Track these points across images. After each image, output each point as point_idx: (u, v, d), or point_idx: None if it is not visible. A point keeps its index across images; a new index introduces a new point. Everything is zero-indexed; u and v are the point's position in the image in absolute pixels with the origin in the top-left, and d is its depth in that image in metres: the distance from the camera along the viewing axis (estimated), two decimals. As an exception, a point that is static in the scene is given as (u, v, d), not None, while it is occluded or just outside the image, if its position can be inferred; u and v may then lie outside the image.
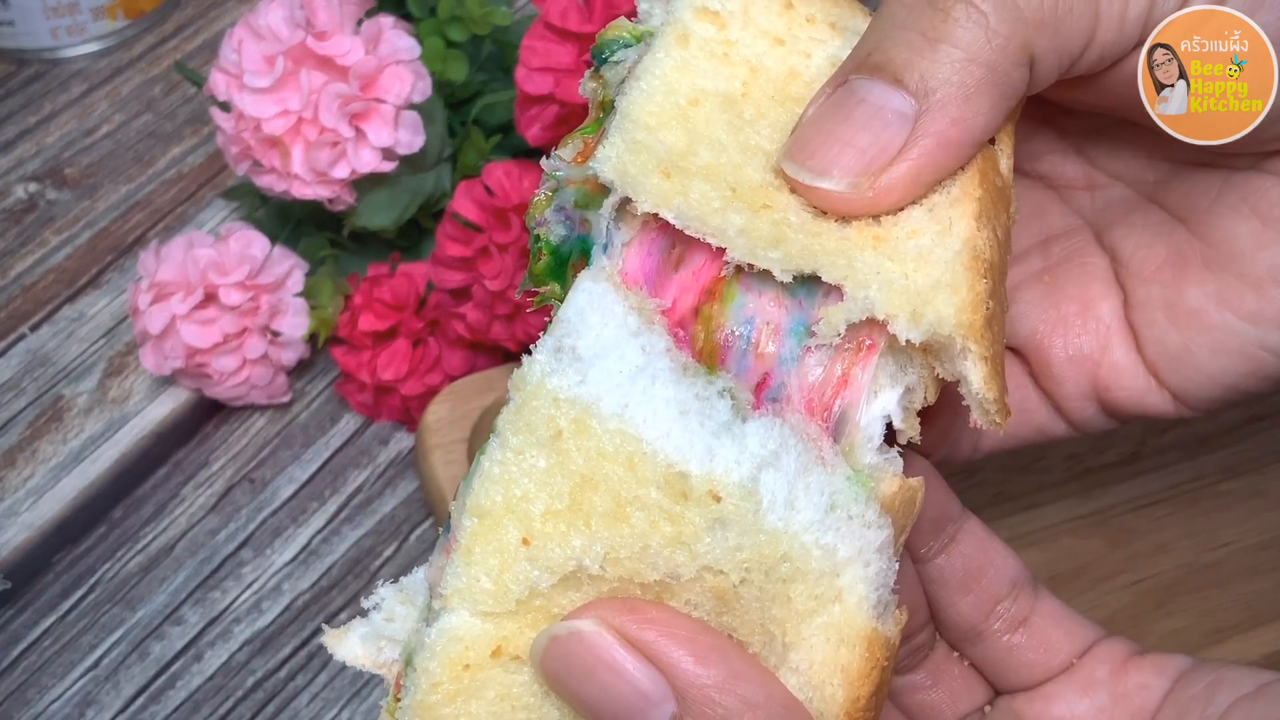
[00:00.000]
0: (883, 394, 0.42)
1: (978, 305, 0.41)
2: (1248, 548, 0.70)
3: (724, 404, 0.40)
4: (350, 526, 0.75)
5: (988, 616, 0.48)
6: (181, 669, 0.70)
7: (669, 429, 0.40)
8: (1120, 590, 0.68)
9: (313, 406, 0.79)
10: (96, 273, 0.84)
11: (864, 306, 0.40)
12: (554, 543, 0.39)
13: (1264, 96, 0.45)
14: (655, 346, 0.41)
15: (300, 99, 0.71)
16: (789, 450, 0.40)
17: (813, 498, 0.40)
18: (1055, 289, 0.52)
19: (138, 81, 0.92)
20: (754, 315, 0.42)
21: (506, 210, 0.70)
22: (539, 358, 0.40)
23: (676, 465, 0.39)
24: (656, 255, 0.42)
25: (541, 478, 0.40)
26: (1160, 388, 0.51)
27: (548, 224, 0.44)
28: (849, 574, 0.40)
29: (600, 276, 0.42)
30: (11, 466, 0.76)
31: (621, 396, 0.40)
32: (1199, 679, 0.46)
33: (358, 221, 0.75)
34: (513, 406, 0.40)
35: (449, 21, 0.78)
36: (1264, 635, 0.67)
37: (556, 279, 0.45)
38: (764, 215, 0.41)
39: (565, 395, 0.40)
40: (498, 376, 0.73)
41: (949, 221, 0.42)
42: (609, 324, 0.41)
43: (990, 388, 0.41)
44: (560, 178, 0.44)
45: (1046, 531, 0.70)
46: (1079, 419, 0.53)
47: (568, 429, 0.40)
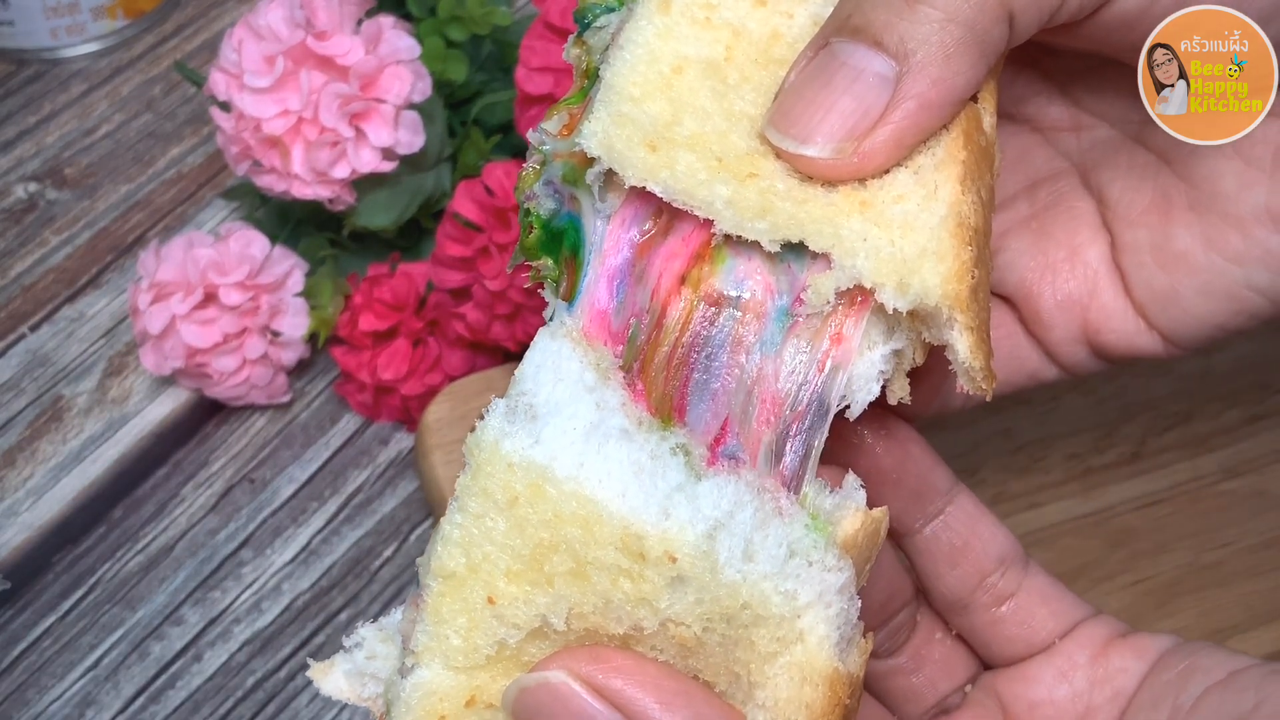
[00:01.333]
0: (874, 351, 0.42)
1: (963, 275, 0.41)
2: (1248, 548, 0.70)
3: (677, 462, 0.41)
4: (350, 526, 0.75)
5: (974, 590, 0.48)
6: (181, 669, 0.70)
7: (624, 489, 0.40)
8: (1120, 590, 0.68)
9: (313, 406, 0.79)
10: (96, 273, 0.84)
11: (851, 275, 0.41)
12: (519, 602, 0.40)
13: (1264, 96, 0.45)
14: (610, 402, 0.41)
15: (300, 99, 0.71)
16: (744, 507, 0.41)
17: (770, 549, 0.40)
18: (1043, 235, 0.52)
19: (138, 81, 0.92)
20: (744, 278, 0.42)
21: (506, 210, 0.70)
22: (491, 421, 0.41)
23: (632, 527, 0.40)
24: (642, 222, 0.42)
25: (502, 540, 0.40)
26: (1149, 329, 0.51)
27: (537, 198, 0.45)
28: (810, 616, 0.40)
29: (559, 333, 0.42)
30: (11, 466, 0.76)
31: (576, 455, 0.40)
32: (1175, 663, 0.47)
33: (358, 221, 0.75)
34: (469, 471, 0.40)
35: (449, 21, 0.78)
36: (1264, 635, 0.67)
37: (548, 253, 0.45)
38: (750, 184, 0.41)
39: (519, 459, 0.40)
40: (498, 376, 0.73)
41: (934, 186, 0.42)
42: (563, 380, 0.41)
43: (977, 356, 0.41)
44: (547, 151, 0.44)
45: (1046, 531, 0.70)
46: (1070, 362, 0.53)
47: (524, 494, 0.40)
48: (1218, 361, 0.76)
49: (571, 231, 0.44)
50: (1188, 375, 0.76)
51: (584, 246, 0.43)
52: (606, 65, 0.43)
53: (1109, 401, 0.75)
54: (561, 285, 0.44)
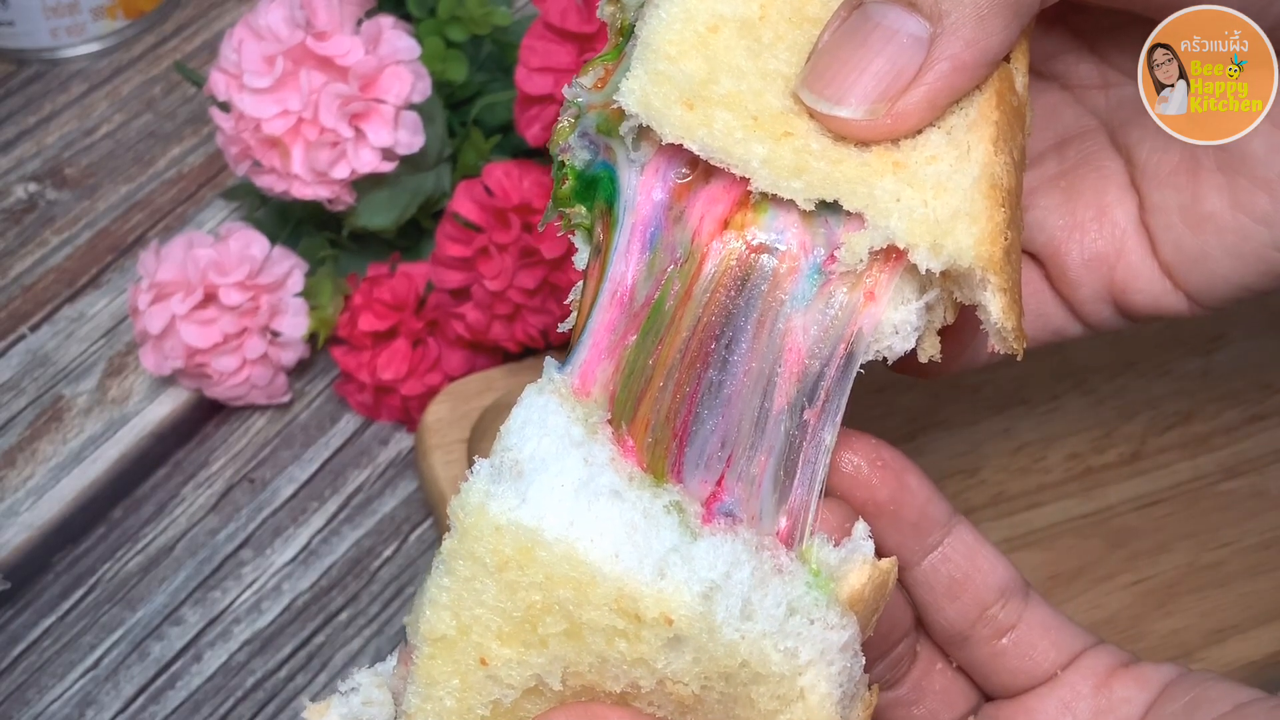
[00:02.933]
0: (907, 306, 0.42)
1: (996, 236, 0.41)
2: (1248, 548, 0.70)
3: (671, 521, 0.40)
4: (350, 526, 0.75)
5: (974, 623, 0.48)
6: (181, 669, 0.70)
7: (617, 550, 0.39)
8: (1120, 590, 0.68)
9: (313, 406, 0.79)
10: (96, 273, 0.84)
11: (885, 235, 0.41)
12: (512, 663, 0.40)
13: (1264, 96, 0.45)
14: (598, 457, 0.41)
15: (300, 99, 0.71)
16: (741, 566, 0.40)
17: (769, 608, 0.40)
18: (1071, 194, 0.53)
19: (138, 81, 0.92)
20: (784, 230, 0.42)
21: (506, 210, 0.70)
22: (476, 483, 0.40)
23: (627, 589, 0.39)
24: (678, 168, 0.43)
25: (493, 603, 0.40)
26: (1175, 289, 0.51)
27: (571, 150, 0.45)
28: (811, 674, 0.40)
29: (546, 389, 0.42)
30: (11, 466, 0.76)
31: (566, 514, 0.40)
32: (1180, 694, 0.46)
33: (358, 221, 0.75)
34: (455, 534, 0.40)
35: (449, 21, 0.78)
36: (1264, 635, 0.67)
37: (582, 201, 0.45)
38: (786, 143, 0.42)
39: (506, 521, 0.39)
40: (498, 376, 0.73)
41: (967, 146, 0.42)
42: (549, 435, 0.41)
43: (1009, 317, 0.41)
44: (581, 104, 0.44)
45: (1046, 531, 0.70)
46: (1095, 321, 0.53)
47: (514, 558, 0.39)
48: (1218, 361, 0.76)
49: (606, 181, 0.44)
50: (1188, 375, 0.76)
51: (619, 196, 0.43)
52: (642, 23, 0.43)
53: (1109, 401, 0.75)
54: (595, 233, 0.44)
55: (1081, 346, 0.76)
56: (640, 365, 0.42)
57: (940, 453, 0.73)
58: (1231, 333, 0.77)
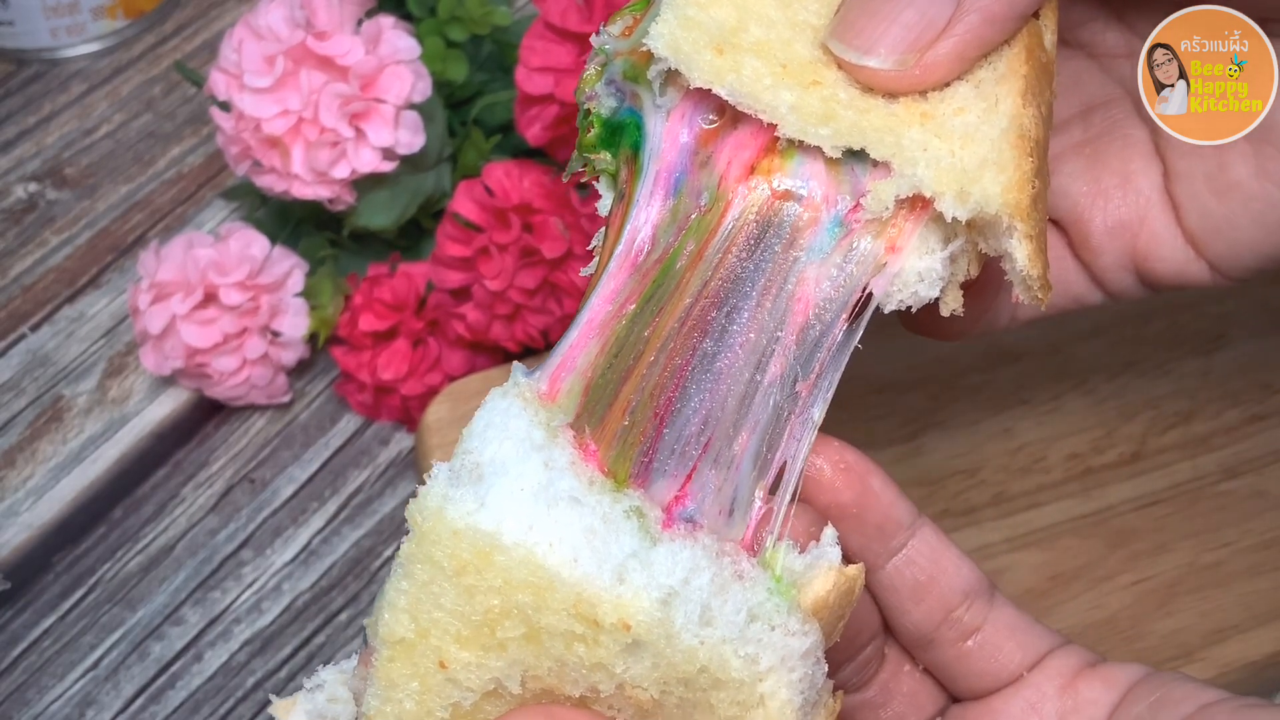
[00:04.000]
0: (932, 256, 0.42)
1: (1024, 184, 0.41)
2: (1248, 548, 0.70)
3: (631, 526, 0.40)
4: (350, 526, 0.75)
5: (940, 625, 0.47)
6: (181, 669, 0.70)
7: (575, 555, 0.39)
8: (1120, 590, 0.68)
9: (313, 406, 0.79)
10: (96, 273, 0.84)
11: (912, 183, 0.41)
12: (472, 666, 0.40)
13: (1264, 96, 0.45)
14: (558, 461, 0.41)
15: (300, 99, 0.71)
16: (700, 573, 0.40)
17: (729, 614, 0.40)
18: (1095, 161, 0.52)
19: (138, 81, 0.92)
20: (810, 178, 0.42)
21: (506, 210, 0.70)
22: (434, 487, 0.40)
23: (585, 594, 0.39)
24: (705, 114, 0.43)
25: (451, 607, 0.39)
26: (1198, 258, 0.51)
27: (598, 98, 0.45)
28: (772, 680, 0.40)
29: (510, 392, 0.42)
30: (11, 466, 0.76)
31: (525, 518, 0.39)
32: (1146, 694, 0.46)
33: (358, 221, 0.75)
34: (413, 538, 0.40)
35: (449, 21, 0.78)
36: (1264, 635, 0.67)
37: (607, 147, 0.45)
38: (814, 91, 0.42)
39: (464, 526, 0.39)
40: (498, 376, 0.73)
41: (995, 99, 0.42)
42: (510, 439, 0.41)
43: (1035, 265, 0.41)
44: (609, 51, 0.44)
45: (1046, 531, 0.70)
46: (1116, 289, 0.53)
47: (472, 562, 0.39)
48: (1218, 361, 0.76)
49: (632, 127, 0.44)
50: (1188, 375, 0.76)
51: (644, 142, 0.44)
52: None
53: (1109, 401, 0.75)
54: (620, 178, 0.44)
55: (1082, 347, 0.76)
56: (634, 338, 0.42)
57: (940, 453, 0.73)
58: (1232, 333, 0.77)
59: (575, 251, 0.69)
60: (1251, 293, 0.79)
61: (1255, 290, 0.79)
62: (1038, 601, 0.68)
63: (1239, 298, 0.78)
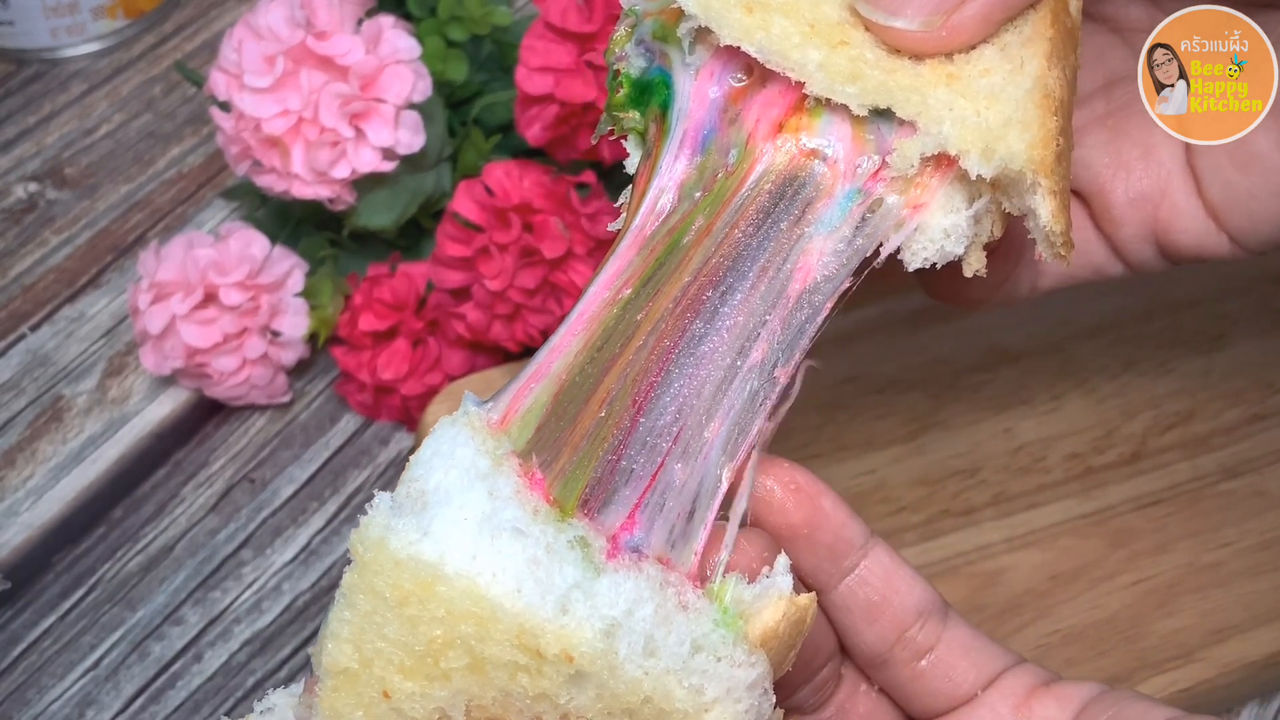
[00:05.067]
0: (957, 214, 0.43)
1: (1048, 141, 0.42)
2: (1248, 548, 0.70)
3: (575, 556, 0.40)
4: (350, 526, 0.74)
5: (893, 645, 0.47)
6: (181, 669, 0.70)
7: (519, 585, 0.39)
8: (1120, 590, 0.68)
9: (313, 406, 0.79)
10: (96, 273, 0.84)
11: (937, 141, 0.42)
12: (415, 696, 0.39)
13: (1264, 96, 0.45)
14: (503, 490, 0.40)
15: (300, 99, 0.71)
16: (645, 603, 0.40)
17: (672, 645, 0.40)
18: (1118, 133, 0.53)
19: (138, 81, 0.92)
20: (836, 134, 0.43)
21: (506, 210, 0.70)
22: (376, 517, 0.40)
23: (528, 624, 0.39)
24: (733, 73, 0.44)
25: (394, 637, 0.39)
26: (1219, 230, 0.51)
27: (627, 58, 0.46)
28: (717, 711, 0.40)
29: (460, 421, 0.42)
30: (11, 466, 0.76)
31: (469, 548, 0.39)
32: (1100, 712, 0.46)
33: (358, 221, 0.75)
34: (355, 567, 0.40)
35: (449, 21, 0.78)
36: (1264, 635, 0.67)
37: (636, 106, 0.45)
38: (841, 51, 0.42)
39: (406, 556, 0.39)
40: (498, 376, 0.73)
41: (1021, 61, 0.43)
42: (456, 468, 0.40)
43: (1058, 221, 0.42)
44: (639, 11, 0.45)
45: (1046, 531, 0.70)
46: (1136, 260, 0.54)
47: (414, 592, 0.39)
48: (1219, 361, 0.76)
49: (661, 86, 0.45)
50: (1188, 375, 0.76)
51: (674, 100, 0.44)
52: None
53: (1109, 401, 0.75)
54: (648, 135, 0.45)
55: (1082, 347, 0.76)
56: (625, 324, 0.42)
57: (940, 453, 0.73)
58: (1233, 332, 0.77)
59: (575, 251, 0.69)
60: (1251, 293, 0.79)
61: (1255, 290, 0.79)
62: (1038, 601, 0.68)
63: (1239, 298, 0.78)
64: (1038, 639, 0.67)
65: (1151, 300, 0.78)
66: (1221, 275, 0.79)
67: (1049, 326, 0.77)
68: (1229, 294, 0.78)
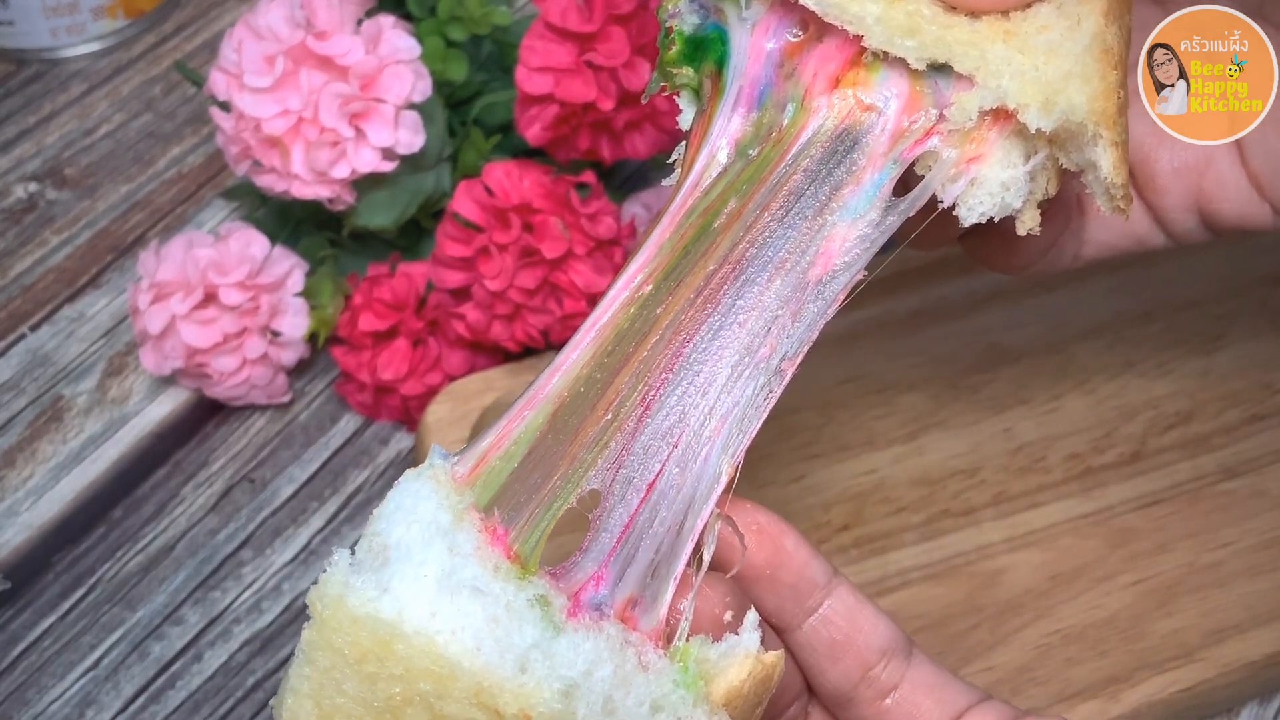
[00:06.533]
0: (1016, 169, 0.43)
1: (1109, 94, 0.42)
2: (1248, 548, 0.70)
3: (535, 614, 0.40)
4: (350, 526, 0.74)
5: (858, 684, 0.47)
6: (181, 669, 0.70)
7: (478, 644, 0.39)
8: (1120, 590, 0.68)
9: (313, 406, 0.79)
10: (96, 273, 0.84)
11: (996, 94, 0.41)
12: None
13: (1264, 96, 0.45)
14: (463, 547, 0.40)
15: (300, 99, 0.71)
16: (603, 664, 0.40)
17: (631, 705, 0.40)
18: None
19: (138, 81, 0.92)
20: (893, 90, 0.43)
21: (506, 210, 0.70)
22: (335, 574, 0.40)
23: (486, 683, 0.39)
24: (789, 28, 0.44)
25: (354, 693, 0.39)
26: (1262, 201, 0.51)
27: (680, 15, 0.45)
28: None
29: (425, 474, 0.41)
30: (11, 466, 0.76)
31: (428, 606, 0.39)
32: None
33: (358, 221, 0.75)
34: (314, 624, 0.40)
35: (449, 21, 0.78)
36: (1264, 635, 0.67)
37: (690, 63, 0.45)
38: (898, 6, 0.42)
39: (364, 614, 0.39)
40: (498, 376, 0.73)
41: (1078, 18, 0.43)
42: (417, 523, 0.40)
43: (1119, 173, 0.42)
44: None
45: (1046, 531, 0.70)
46: (1180, 231, 0.54)
47: (373, 650, 0.39)
48: (1218, 361, 0.76)
49: (716, 41, 0.44)
50: (1188, 375, 0.76)
51: (729, 55, 0.44)
52: None
53: (1109, 401, 0.75)
54: (703, 91, 0.45)
55: (1082, 347, 0.76)
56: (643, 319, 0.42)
57: (940, 453, 0.73)
58: (1232, 332, 0.77)
59: (575, 251, 0.69)
60: (1251, 293, 0.79)
61: (1255, 290, 0.79)
62: (1038, 601, 0.68)
63: (1239, 298, 0.78)
64: (1038, 639, 0.67)
65: (1151, 301, 0.78)
66: (1221, 276, 0.79)
67: (1049, 327, 0.77)
68: (1228, 294, 0.78)
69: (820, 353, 0.44)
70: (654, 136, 0.75)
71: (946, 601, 0.68)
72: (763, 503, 0.67)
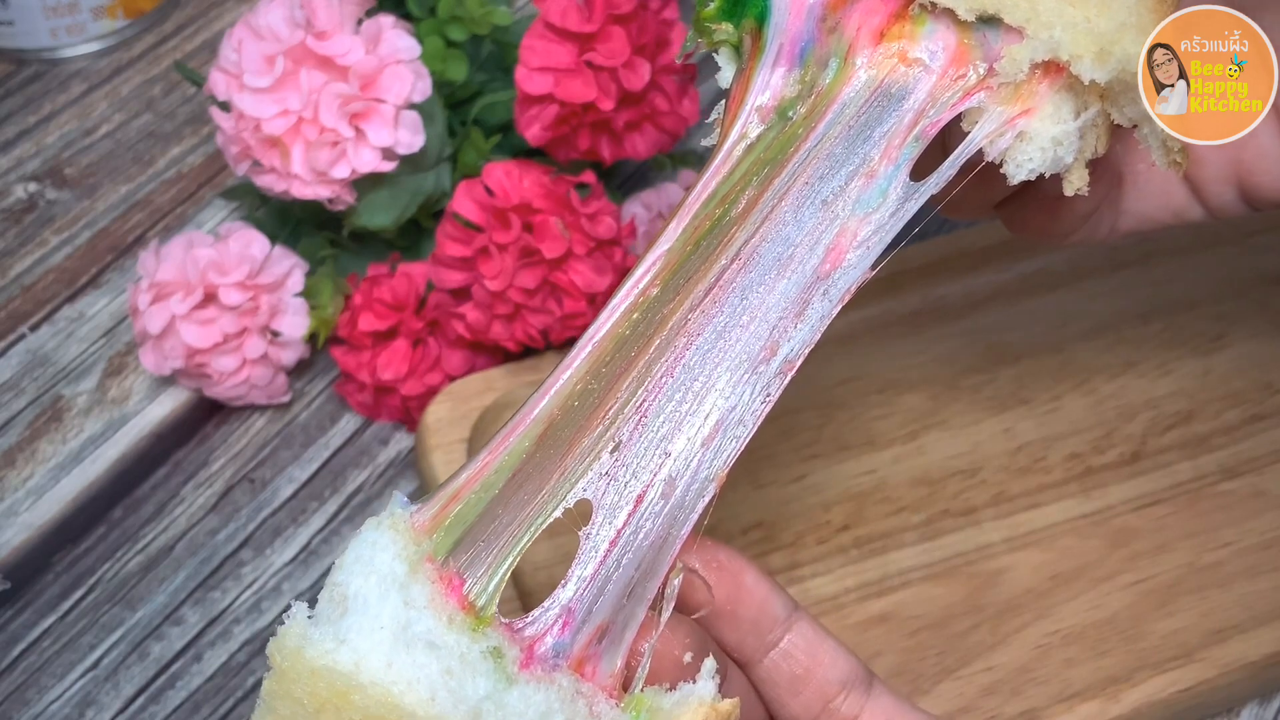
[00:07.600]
0: (1066, 124, 0.42)
1: None
2: (1248, 548, 0.70)
3: (488, 666, 0.40)
4: (350, 526, 0.75)
5: (818, 716, 0.47)
6: (181, 669, 0.70)
7: (433, 694, 0.39)
8: (1120, 590, 0.68)
9: (313, 406, 0.79)
10: (96, 273, 0.84)
11: (1049, 46, 0.41)
12: None
13: (1264, 96, 0.45)
14: (418, 599, 0.41)
15: (300, 99, 0.71)
16: (555, 714, 0.40)
17: None
18: None
19: (138, 81, 0.92)
20: (939, 47, 0.42)
21: (506, 210, 0.70)
22: (293, 626, 0.41)
23: None
24: None
25: None
26: None
27: None
28: None
29: (384, 523, 0.42)
30: (11, 466, 0.76)
31: (384, 657, 0.40)
32: None
33: (358, 221, 0.75)
34: (274, 674, 0.41)
35: (449, 21, 0.78)
36: (1264, 635, 0.67)
37: (729, 18, 0.44)
38: None
39: (322, 665, 0.40)
40: (498, 376, 0.73)
41: None
42: (374, 574, 0.41)
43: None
44: None
45: (1046, 531, 0.70)
46: (1217, 204, 0.53)
47: (330, 700, 0.39)
48: (1218, 361, 0.76)
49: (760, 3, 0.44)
50: (1188, 375, 0.76)
51: (770, 13, 0.43)
52: None
53: (1109, 401, 0.75)
54: (743, 48, 0.44)
55: (1082, 347, 0.76)
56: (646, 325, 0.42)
57: (940, 453, 0.73)
58: (1232, 333, 0.77)
59: (575, 251, 0.70)
60: (1251, 293, 0.79)
61: (1255, 290, 0.79)
62: (1038, 601, 0.68)
63: (1239, 298, 0.78)
64: (1038, 639, 0.67)
65: (1150, 301, 0.78)
66: (1221, 276, 0.79)
67: (1049, 326, 0.77)
68: (1228, 295, 0.78)
69: (820, 353, 0.44)
70: (654, 136, 0.75)
71: (947, 601, 0.68)
72: (763, 503, 0.68)
